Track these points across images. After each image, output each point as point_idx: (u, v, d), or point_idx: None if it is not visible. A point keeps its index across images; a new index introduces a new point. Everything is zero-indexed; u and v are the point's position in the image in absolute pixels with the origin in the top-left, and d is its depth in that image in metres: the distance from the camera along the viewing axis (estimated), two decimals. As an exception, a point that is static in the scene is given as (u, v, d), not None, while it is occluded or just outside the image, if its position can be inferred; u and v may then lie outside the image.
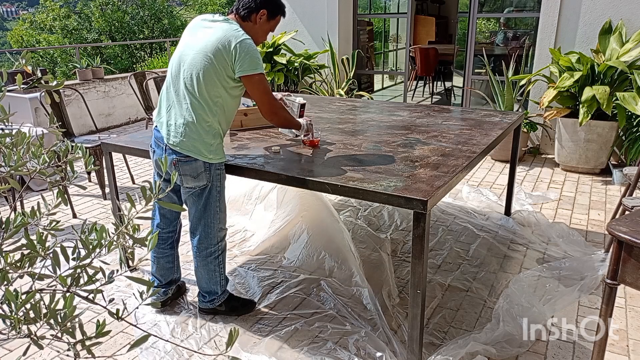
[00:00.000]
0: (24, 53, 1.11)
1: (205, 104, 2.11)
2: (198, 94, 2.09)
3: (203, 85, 2.08)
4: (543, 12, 4.81)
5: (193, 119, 2.11)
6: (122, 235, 1.02)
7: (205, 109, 2.11)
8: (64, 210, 3.86)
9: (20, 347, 2.27)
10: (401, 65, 8.95)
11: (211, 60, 2.06)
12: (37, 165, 1.07)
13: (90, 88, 6.31)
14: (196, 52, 2.09)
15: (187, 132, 2.11)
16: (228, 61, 2.06)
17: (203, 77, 2.07)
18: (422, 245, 1.85)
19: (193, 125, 2.11)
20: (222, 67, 2.07)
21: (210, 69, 2.06)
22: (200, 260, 2.37)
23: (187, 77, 2.10)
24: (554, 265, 2.84)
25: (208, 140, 2.15)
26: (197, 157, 2.14)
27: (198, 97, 2.09)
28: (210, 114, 2.13)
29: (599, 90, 4.04)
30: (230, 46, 2.05)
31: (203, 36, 2.11)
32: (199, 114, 2.11)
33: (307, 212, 3.16)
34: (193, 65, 2.09)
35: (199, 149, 2.13)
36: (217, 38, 2.07)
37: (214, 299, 2.44)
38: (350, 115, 3.31)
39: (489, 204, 3.81)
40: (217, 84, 2.09)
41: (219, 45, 2.05)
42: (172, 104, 2.16)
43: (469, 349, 2.11)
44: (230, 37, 2.06)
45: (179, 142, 2.13)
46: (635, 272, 1.58)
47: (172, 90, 2.17)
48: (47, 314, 0.92)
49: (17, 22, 22.05)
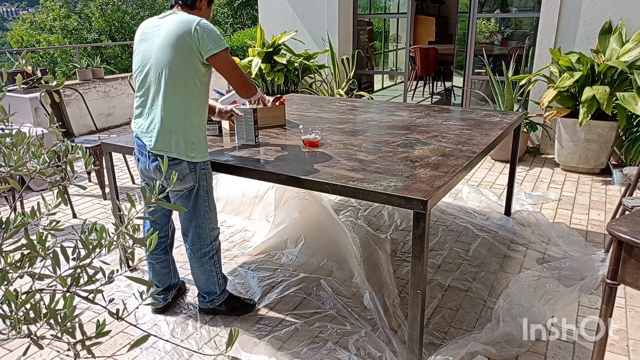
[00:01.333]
0: (24, 53, 1.11)
1: (181, 100, 2.08)
2: (172, 91, 2.06)
3: (175, 80, 2.05)
4: (543, 12, 4.81)
5: (171, 119, 2.08)
6: (122, 235, 1.02)
7: (181, 106, 2.08)
8: (64, 210, 3.86)
9: (20, 347, 2.27)
10: (401, 65, 8.95)
11: (177, 52, 2.02)
12: (37, 165, 1.07)
13: (90, 88, 6.31)
14: (158, 51, 2.05)
15: (167, 134, 2.09)
16: (193, 46, 2.02)
17: (173, 72, 2.04)
18: (422, 245, 1.85)
19: (172, 126, 2.09)
20: (189, 55, 2.03)
21: (179, 61, 2.03)
22: (196, 261, 2.36)
23: (156, 79, 2.07)
24: (554, 265, 2.84)
25: (189, 138, 2.12)
26: (181, 157, 2.11)
27: (172, 95, 2.06)
28: (187, 110, 2.10)
29: (599, 90, 4.04)
30: (190, 31, 2.01)
31: (158, 34, 2.07)
32: (176, 113, 2.08)
33: (307, 212, 3.16)
34: (159, 65, 2.05)
35: (181, 149, 2.11)
36: (174, 29, 2.03)
37: (214, 299, 2.44)
38: (350, 115, 3.31)
39: (489, 204, 3.81)
40: (189, 74, 2.06)
41: (178, 34, 2.01)
42: (147, 110, 2.14)
43: (469, 349, 2.11)
44: (186, 23, 2.02)
45: (160, 144, 2.10)
46: (635, 272, 1.58)
47: (145, 97, 2.14)
48: (47, 314, 0.92)
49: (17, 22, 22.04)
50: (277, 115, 3.01)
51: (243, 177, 2.33)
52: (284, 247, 3.09)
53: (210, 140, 2.71)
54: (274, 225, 3.22)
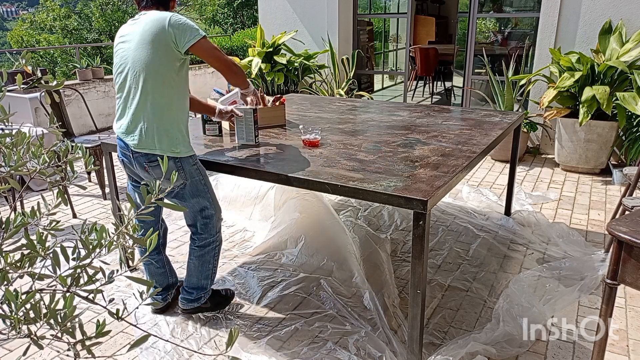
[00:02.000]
0: (24, 53, 1.11)
1: (161, 96, 2.09)
2: (151, 89, 2.07)
3: (153, 78, 2.06)
4: (543, 12, 4.81)
5: (152, 116, 2.09)
6: (122, 235, 1.02)
7: (161, 102, 2.09)
8: (64, 210, 3.86)
9: (20, 347, 2.27)
10: (401, 65, 8.95)
11: (153, 50, 2.03)
12: (37, 165, 1.07)
13: (90, 88, 6.31)
14: (135, 51, 2.06)
15: (150, 131, 2.10)
16: (169, 41, 2.03)
17: (151, 70, 2.05)
18: (422, 245, 1.85)
19: (154, 123, 2.10)
20: (165, 51, 2.04)
21: (155, 59, 2.04)
22: (198, 252, 2.37)
23: (134, 78, 2.08)
24: (554, 265, 2.84)
25: (172, 134, 2.13)
26: (165, 154, 2.10)
27: (151, 92, 2.07)
28: (168, 106, 2.11)
29: (599, 90, 4.04)
30: (164, 27, 2.02)
31: (134, 35, 2.08)
32: (157, 109, 2.09)
33: (307, 212, 3.16)
34: (136, 64, 2.06)
35: (165, 145, 2.12)
36: (148, 28, 2.04)
37: (201, 296, 2.42)
38: (350, 115, 3.31)
39: (489, 204, 3.81)
40: (166, 71, 2.07)
41: (153, 32, 2.03)
42: (127, 109, 2.14)
43: (469, 349, 2.11)
44: (159, 20, 2.04)
45: (143, 142, 2.11)
46: (635, 272, 1.58)
47: (125, 97, 2.14)
48: (47, 314, 0.92)
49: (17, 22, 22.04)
50: (277, 115, 3.01)
51: (243, 177, 2.33)
52: (284, 247, 3.09)
53: (210, 140, 2.71)
54: (274, 226, 3.23)
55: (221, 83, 8.32)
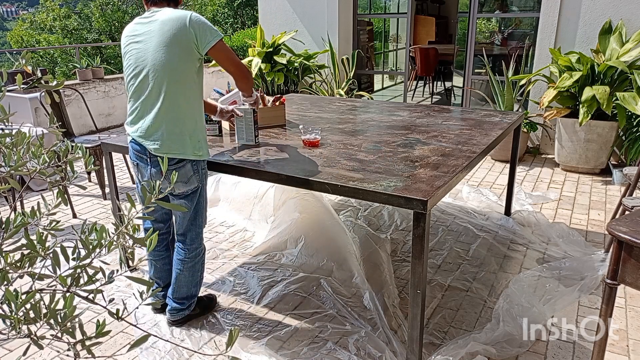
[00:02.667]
0: (24, 53, 1.11)
1: (184, 100, 2.06)
2: (174, 92, 2.03)
3: (176, 81, 2.03)
4: (543, 12, 4.81)
5: (177, 120, 2.06)
6: (122, 235, 1.02)
7: (184, 106, 2.07)
8: (64, 210, 3.86)
9: (20, 347, 2.27)
10: (401, 65, 8.95)
11: (175, 52, 1.99)
12: (37, 165, 1.07)
13: (90, 88, 6.31)
14: (155, 52, 1.99)
15: (173, 135, 2.07)
16: (191, 42, 1.99)
17: (174, 73, 2.01)
18: (422, 245, 1.85)
19: (178, 127, 2.07)
20: (187, 52, 2.01)
21: (178, 61, 2.00)
22: (189, 263, 2.32)
23: (155, 81, 2.02)
24: (554, 265, 2.84)
25: (196, 137, 2.12)
26: (188, 157, 2.11)
27: (174, 95, 2.04)
28: (191, 110, 2.09)
29: (599, 90, 4.04)
30: (186, 26, 1.97)
31: (151, 35, 2.01)
32: (181, 113, 2.07)
33: (307, 212, 3.16)
34: (157, 66, 2.00)
35: (189, 149, 2.10)
36: (168, 28, 1.98)
37: (191, 304, 2.40)
38: (350, 115, 3.31)
39: (489, 204, 3.81)
40: (188, 73, 2.04)
41: (174, 33, 1.97)
42: (148, 113, 2.07)
43: (469, 349, 2.11)
44: (179, 20, 1.98)
45: (167, 146, 2.08)
46: (635, 272, 1.58)
47: (144, 100, 2.07)
48: (47, 314, 0.92)
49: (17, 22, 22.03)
50: (277, 115, 3.01)
51: (243, 177, 2.34)
52: (283, 247, 3.09)
53: (210, 140, 2.71)
54: (274, 226, 3.23)
55: (221, 83, 8.31)
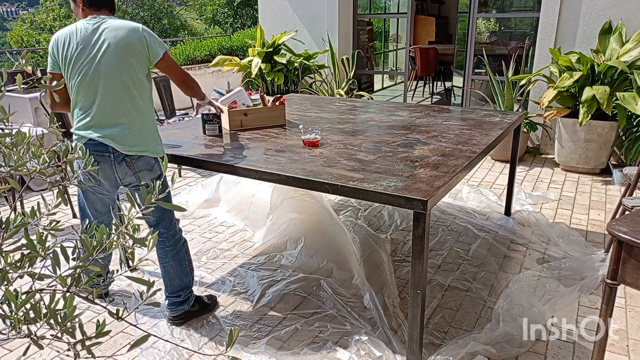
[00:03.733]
0: (23, 53, 1.11)
1: (141, 101, 2.19)
2: (133, 95, 2.15)
3: (134, 84, 2.15)
4: (543, 12, 4.81)
5: (137, 121, 2.18)
6: (122, 235, 1.02)
7: (142, 107, 2.20)
8: (64, 210, 3.86)
9: (20, 347, 2.27)
10: (401, 65, 8.95)
11: (131, 58, 2.12)
12: (37, 165, 1.07)
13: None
14: (110, 58, 2.09)
15: (138, 132, 2.18)
16: (144, 52, 2.16)
17: (133, 77, 2.14)
18: (422, 245, 1.85)
19: (141, 125, 2.19)
20: (141, 60, 2.16)
21: (135, 66, 2.14)
22: (171, 251, 2.36)
23: (111, 85, 2.10)
24: (554, 265, 2.84)
25: (155, 134, 2.26)
26: (151, 154, 2.21)
27: (133, 98, 2.15)
28: (147, 111, 2.23)
29: (599, 90, 4.04)
30: (140, 38, 2.14)
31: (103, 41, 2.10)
32: (141, 115, 2.19)
33: (307, 213, 3.16)
34: (114, 71, 2.10)
35: (152, 147, 2.22)
36: (122, 36, 2.12)
37: (188, 296, 2.41)
38: (350, 115, 3.31)
39: (489, 204, 3.81)
40: (143, 77, 2.19)
41: (129, 42, 2.12)
42: (106, 115, 2.14)
43: (469, 349, 2.11)
44: (133, 30, 2.14)
45: (135, 143, 2.16)
46: (635, 272, 1.58)
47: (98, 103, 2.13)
48: (47, 314, 0.92)
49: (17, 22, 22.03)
50: (277, 115, 3.01)
51: (243, 177, 2.34)
52: (283, 248, 3.09)
53: (210, 140, 2.71)
54: (271, 226, 3.22)
55: (221, 83, 8.32)
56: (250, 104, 3.00)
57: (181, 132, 2.91)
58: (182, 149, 2.55)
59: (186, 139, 2.75)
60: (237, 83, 7.60)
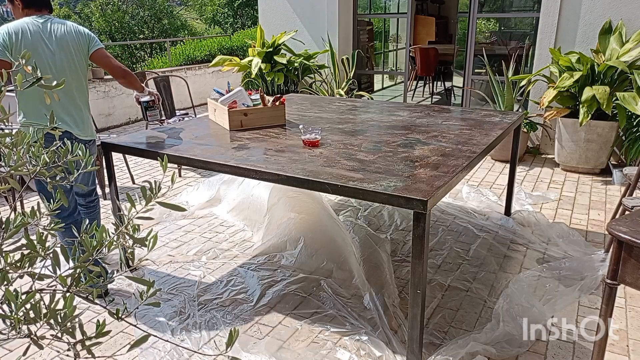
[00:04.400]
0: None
1: (87, 93, 2.60)
2: (82, 86, 2.54)
3: (82, 76, 2.53)
4: (543, 12, 4.81)
5: (85, 110, 2.58)
6: (122, 235, 1.02)
7: (84, 96, 2.58)
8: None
9: (20, 347, 2.27)
10: (401, 65, 8.95)
11: (78, 53, 2.49)
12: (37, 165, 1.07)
13: (90, 88, 6.28)
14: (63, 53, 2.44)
15: (87, 120, 2.58)
16: (86, 47, 2.54)
17: (80, 70, 2.51)
18: (422, 245, 1.85)
19: (87, 113, 2.60)
20: (85, 54, 2.54)
21: (81, 61, 2.52)
22: (97, 214, 2.79)
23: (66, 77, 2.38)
24: (554, 265, 2.84)
25: (91, 122, 2.65)
26: (93, 138, 2.64)
27: (81, 89, 2.54)
28: (87, 99, 2.62)
29: (599, 90, 4.04)
30: (84, 36, 2.53)
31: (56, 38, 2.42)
32: (83, 102, 2.57)
33: (307, 213, 3.16)
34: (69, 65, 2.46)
35: (91, 131, 2.63)
36: (73, 34, 2.49)
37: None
38: (350, 115, 3.31)
39: (489, 204, 3.81)
40: (85, 70, 2.56)
41: (78, 39, 2.50)
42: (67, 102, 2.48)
43: (469, 349, 2.11)
44: (79, 31, 2.52)
45: (86, 129, 2.56)
46: (635, 272, 1.58)
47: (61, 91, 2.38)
48: (47, 314, 0.92)
49: (17, 22, 21.99)
50: (277, 115, 3.01)
51: (243, 177, 2.34)
52: (283, 248, 3.09)
53: (210, 140, 2.71)
54: (268, 225, 3.22)
55: (221, 83, 8.31)
56: (250, 104, 3.00)
57: (181, 132, 2.91)
58: (182, 149, 2.56)
59: (186, 139, 2.75)
60: (237, 83, 7.60)
